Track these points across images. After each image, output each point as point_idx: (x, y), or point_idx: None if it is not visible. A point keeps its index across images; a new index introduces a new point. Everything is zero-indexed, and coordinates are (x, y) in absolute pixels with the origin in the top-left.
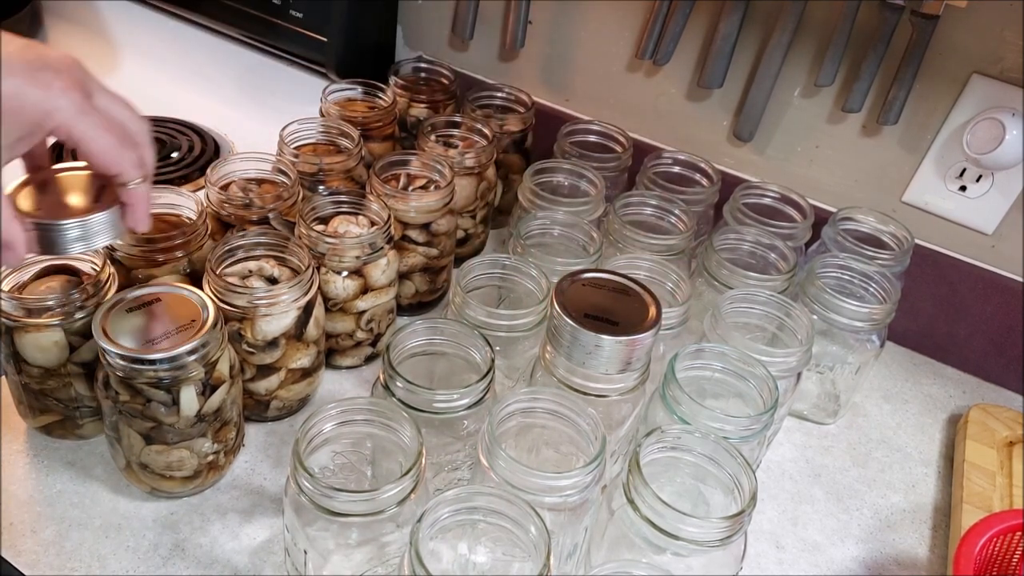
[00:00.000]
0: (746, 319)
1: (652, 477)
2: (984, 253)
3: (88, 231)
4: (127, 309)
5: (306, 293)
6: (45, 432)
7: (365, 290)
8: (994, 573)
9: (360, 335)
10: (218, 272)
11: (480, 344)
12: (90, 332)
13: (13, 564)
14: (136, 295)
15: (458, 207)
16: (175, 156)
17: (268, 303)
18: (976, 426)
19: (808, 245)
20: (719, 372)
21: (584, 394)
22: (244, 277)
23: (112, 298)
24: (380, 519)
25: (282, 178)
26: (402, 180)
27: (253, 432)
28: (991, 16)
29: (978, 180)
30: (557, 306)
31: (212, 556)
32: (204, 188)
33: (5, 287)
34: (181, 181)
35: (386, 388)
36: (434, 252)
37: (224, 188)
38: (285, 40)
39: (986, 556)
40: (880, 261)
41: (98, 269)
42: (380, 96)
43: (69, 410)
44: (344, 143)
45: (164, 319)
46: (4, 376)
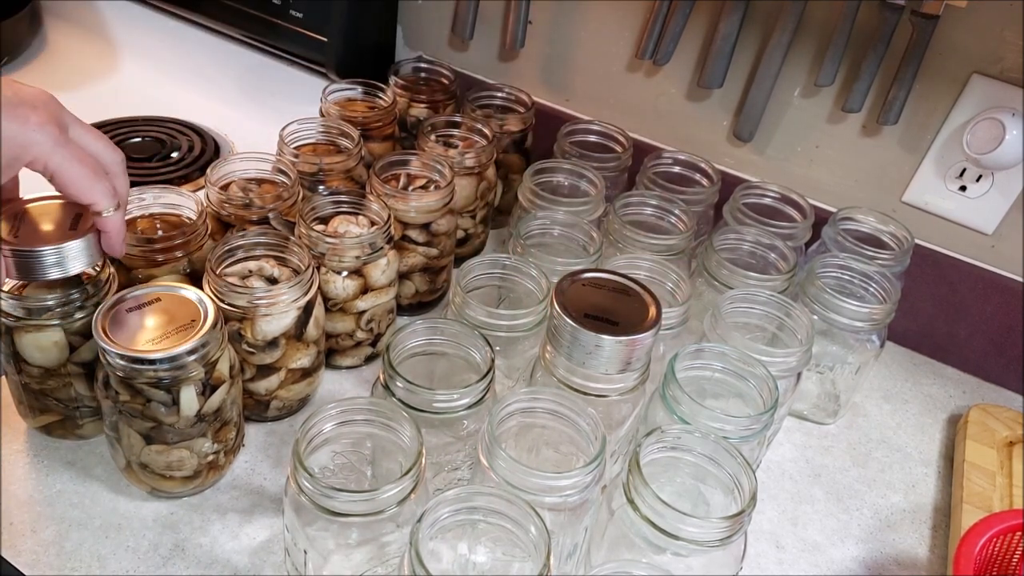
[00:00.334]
0: (746, 319)
1: (652, 477)
2: (984, 253)
3: (64, 257)
4: (127, 309)
5: (306, 293)
6: (45, 432)
7: (365, 290)
8: (994, 573)
9: (360, 335)
10: (218, 272)
11: (480, 344)
12: (90, 332)
13: (13, 564)
14: (136, 295)
15: (458, 207)
16: (175, 156)
17: (268, 303)
18: (976, 426)
19: (808, 245)
20: (719, 372)
21: (584, 394)
22: (244, 277)
23: (112, 298)
24: (380, 519)
25: (282, 178)
26: (402, 180)
27: (253, 432)
28: (991, 16)
29: (978, 180)
30: (557, 306)
31: (212, 556)
32: (204, 188)
33: (6, 286)
34: (181, 181)
35: (386, 388)
36: (434, 252)
37: (224, 188)
38: (285, 40)
39: (986, 556)
40: (880, 261)
41: (98, 269)
42: (380, 96)
43: (69, 410)
44: (344, 143)
45: (164, 319)
46: (4, 376)
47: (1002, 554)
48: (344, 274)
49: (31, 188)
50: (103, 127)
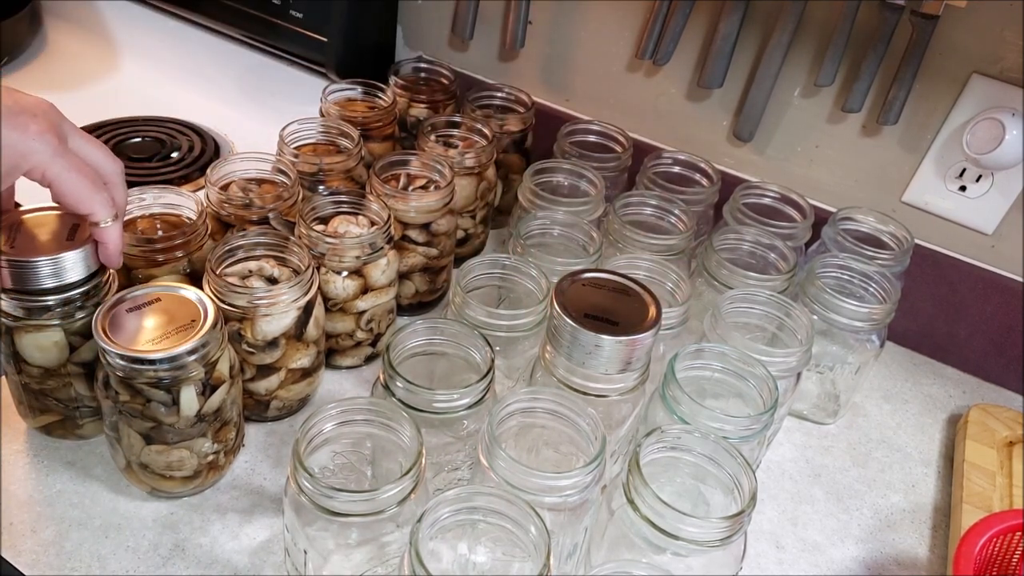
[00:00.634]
0: (746, 319)
1: (652, 477)
2: (984, 253)
3: (60, 268)
4: (127, 309)
5: (306, 293)
6: (45, 432)
7: (365, 290)
8: (994, 573)
9: (360, 335)
10: (218, 272)
11: (480, 344)
12: (90, 332)
13: (13, 564)
14: (136, 295)
15: (458, 207)
16: (175, 156)
17: (268, 303)
18: (976, 426)
19: (808, 245)
20: (719, 372)
21: (584, 394)
22: (244, 277)
23: (112, 298)
24: (380, 519)
25: (282, 178)
26: (402, 180)
27: (253, 432)
28: (991, 16)
29: (978, 180)
30: (557, 306)
31: (212, 556)
32: (204, 188)
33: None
34: (181, 181)
35: (386, 388)
36: (434, 252)
37: (224, 188)
38: (285, 40)
39: (986, 556)
40: (880, 261)
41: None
42: (380, 96)
43: (69, 410)
44: (344, 143)
45: (164, 319)
46: (4, 376)
47: (1002, 554)
48: (344, 274)
49: (29, 201)
50: (103, 127)
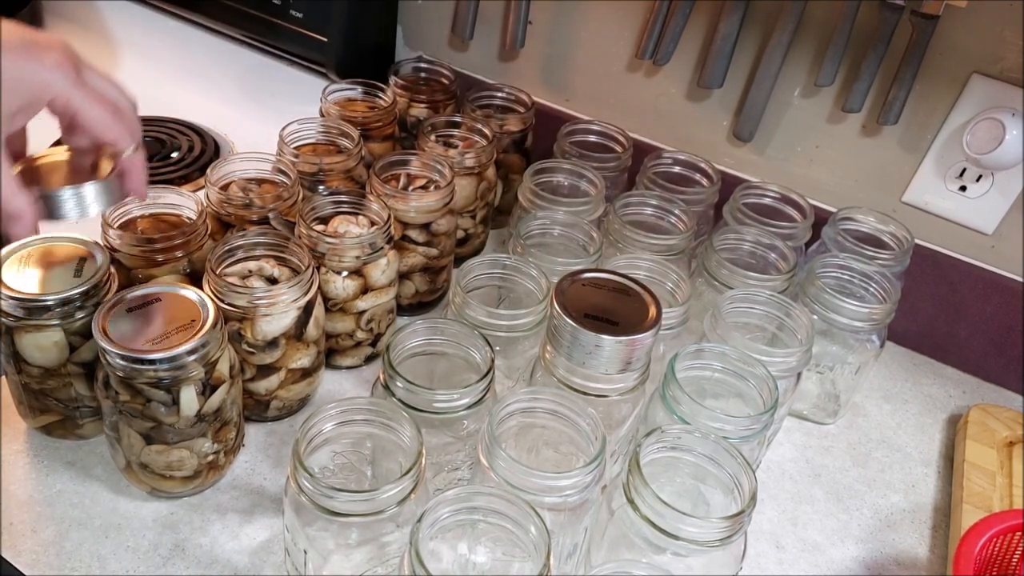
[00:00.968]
0: (746, 319)
1: (652, 477)
2: (984, 253)
3: (84, 199)
4: (127, 309)
5: (306, 293)
6: (45, 432)
7: (365, 290)
8: (994, 573)
9: (360, 335)
10: (218, 272)
11: (480, 344)
12: (90, 332)
13: (13, 564)
14: (136, 295)
15: (458, 207)
16: (175, 156)
17: (268, 303)
18: (976, 426)
19: (808, 245)
20: (719, 372)
21: (584, 394)
22: (244, 277)
23: (112, 298)
24: (380, 519)
25: (282, 178)
26: (402, 180)
27: (253, 432)
28: (991, 16)
29: (978, 180)
30: (557, 306)
31: (212, 556)
32: (204, 188)
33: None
34: (181, 181)
35: (386, 388)
36: (434, 252)
37: (224, 188)
38: (285, 40)
39: (986, 556)
40: (880, 261)
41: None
42: (380, 96)
43: (69, 410)
44: (344, 143)
45: (164, 319)
46: (4, 376)
47: (1002, 554)
48: (344, 274)
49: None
50: None
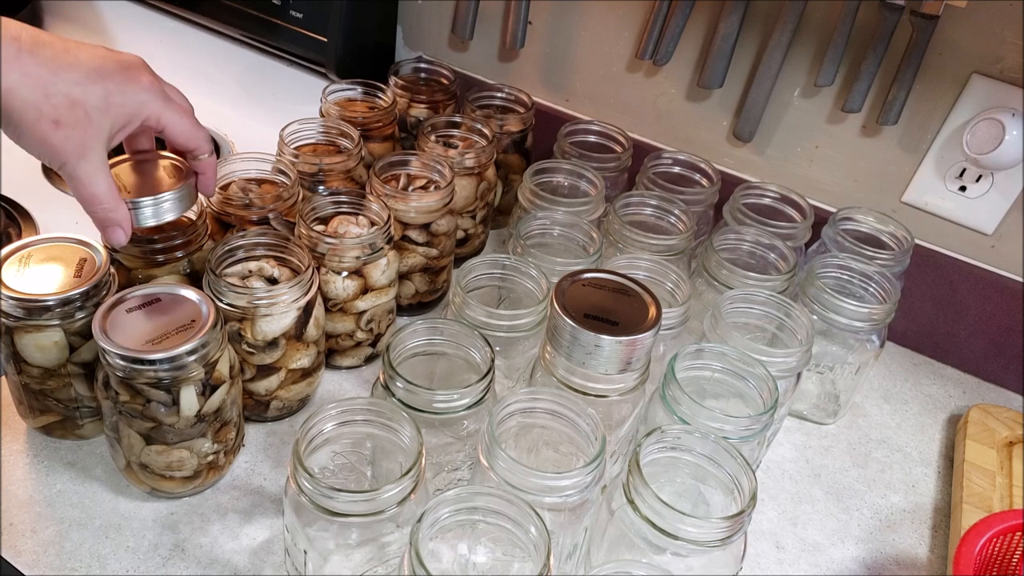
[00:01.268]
0: (746, 319)
1: (652, 477)
2: (984, 253)
3: (162, 206)
4: (127, 309)
5: (306, 293)
6: (45, 432)
7: (365, 290)
8: (994, 573)
9: (360, 335)
10: (218, 272)
11: (480, 344)
12: (90, 332)
13: (13, 564)
14: (136, 295)
15: (458, 207)
16: None
17: (268, 303)
18: (976, 426)
19: (808, 245)
20: (719, 372)
21: (584, 394)
22: (244, 277)
23: (112, 298)
24: (380, 519)
25: (282, 178)
26: (402, 180)
27: (253, 432)
28: (991, 16)
29: (978, 180)
30: (557, 306)
31: (212, 556)
32: None
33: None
34: None
35: (386, 388)
36: (434, 252)
37: (224, 188)
38: (285, 40)
39: (986, 556)
40: (880, 261)
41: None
42: (380, 96)
43: (69, 410)
44: (344, 143)
45: (164, 319)
46: (4, 376)
47: (1002, 554)
48: (344, 274)
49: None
50: None
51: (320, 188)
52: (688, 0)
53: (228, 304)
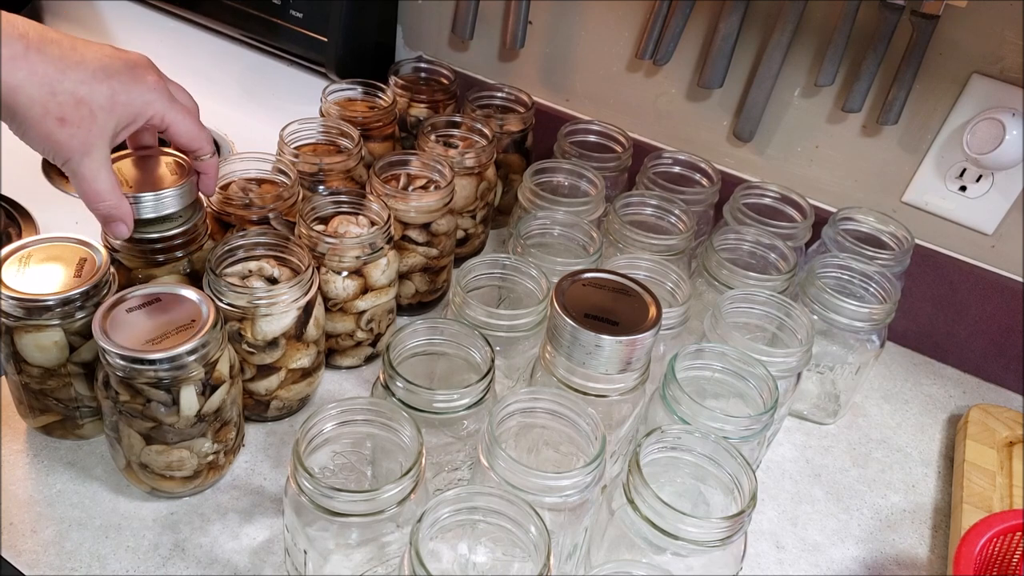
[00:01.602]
0: (746, 319)
1: (652, 477)
2: (984, 253)
3: (163, 201)
4: (127, 309)
5: (306, 293)
6: (45, 432)
7: (365, 290)
8: (994, 573)
9: (360, 335)
10: (218, 272)
11: (480, 344)
12: (90, 332)
13: (13, 564)
14: (136, 295)
15: (458, 207)
16: None
17: (268, 303)
18: (976, 426)
19: (808, 245)
20: (719, 372)
21: (584, 394)
22: (244, 277)
23: (112, 298)
24: (380, 519)
25: (282, 178)
26: (402, 180)
27: (253, 432)
28: (991, 16)
29: (978, 180)
30: (557, 306)
31: (212, 556)
32: None
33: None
34: None
35: (386, 388)
36: (434, 252)
37: (224, 188)
38: (285, 40)
39: (986, 556)
40: (880, 261)
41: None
42: (380, 96)
43: (69, 410)
44: (344, 143)
45: (164, 319)
46: (4, 376)
47: (1002, 554)
48: (344, 274)
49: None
50: None
51: (320, 188)
52: (688, 0)
53: (228, 304)
